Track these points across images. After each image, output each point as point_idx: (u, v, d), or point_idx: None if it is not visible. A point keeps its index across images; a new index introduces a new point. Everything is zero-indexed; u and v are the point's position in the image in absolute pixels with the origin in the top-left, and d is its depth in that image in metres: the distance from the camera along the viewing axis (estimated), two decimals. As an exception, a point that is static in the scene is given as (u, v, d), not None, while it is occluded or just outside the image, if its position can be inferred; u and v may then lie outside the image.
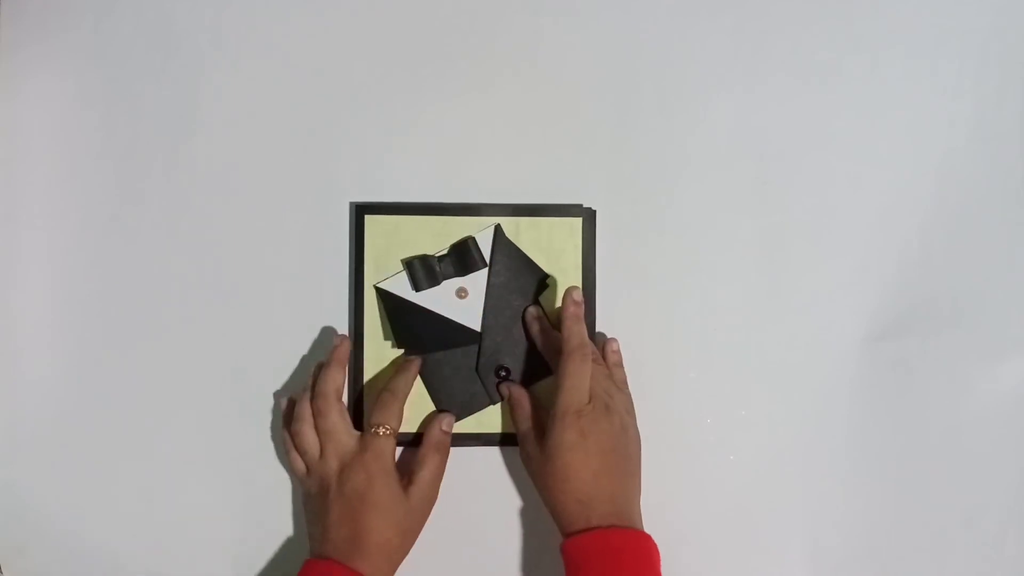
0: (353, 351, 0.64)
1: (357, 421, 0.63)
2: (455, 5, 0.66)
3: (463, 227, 0.64)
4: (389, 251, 0.65)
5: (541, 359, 0.64)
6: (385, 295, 0.64)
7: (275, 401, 0.65)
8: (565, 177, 0.66)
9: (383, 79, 0.66)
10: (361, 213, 0.64)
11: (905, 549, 0.65)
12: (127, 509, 0.65)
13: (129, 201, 0.66)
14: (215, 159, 0.66)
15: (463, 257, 0.64)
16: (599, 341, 0.65)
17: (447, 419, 0.63)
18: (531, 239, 0.65)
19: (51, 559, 0.65)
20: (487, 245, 0.64)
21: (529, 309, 0.64)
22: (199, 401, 0.65)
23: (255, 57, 0.66)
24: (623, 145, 0.66)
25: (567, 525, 0.57)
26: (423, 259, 0.64)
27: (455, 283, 0.65)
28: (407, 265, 0.64)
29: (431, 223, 0.64)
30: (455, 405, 0.64)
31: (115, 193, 0.66)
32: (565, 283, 0.64)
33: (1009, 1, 0.66)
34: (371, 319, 0.64)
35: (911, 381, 0.65)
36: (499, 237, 0.64)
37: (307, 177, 0.66)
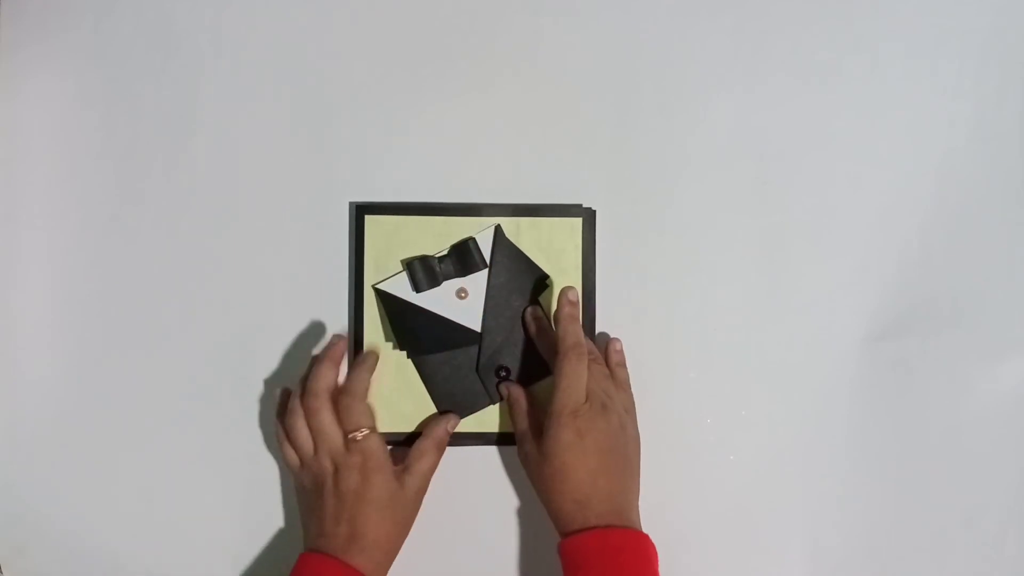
0: (353, 351, 0.64)
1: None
2: (455, 5, 0.66)
3: (463, 227, 0.64)
4: (389, 251, 0.65)
5: (541, 359, 0.64)
6: (385, 296, 0.64)
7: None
8: (565, 177, 0.66)
9: (383, 79, 0.66)
10: (361, 213, 0.64)
11: (905, 549, 0.65)
12: (127, 509, 0.65)
13: (129, 201, 0.66)
14: (215, 159, 0.66)
15: (463, 258, 0.64)
16: (602, 341, 0.65)
17: (454, 420, 0.63)
18: (531, 239, 0.65)
19: (51, 559, 0.65)
20: (487, 245, 0.64)
21: (528, 309, 0.64)
22: (199, 401, 0.65)
23: (255, 57, 0.66)
24: (623, 145, 0.66)
25: (565, 525, 0.57)
26: (423, 260, 0.64)
27: (455, 284, 0.65)
28: (407, 266, 0.64)
29: (431, 223, 0.64)
30: (455, 405, 0.64)
31: (115, 193, 0.66)
32: (565, 283, 0.64)
33: (1009, 1, 0.66)
34: (371, 319, 0.64)
35: (911, 381, 0.65)
36: (499, 237, 0.64)
37: (307, 177, 0.66)
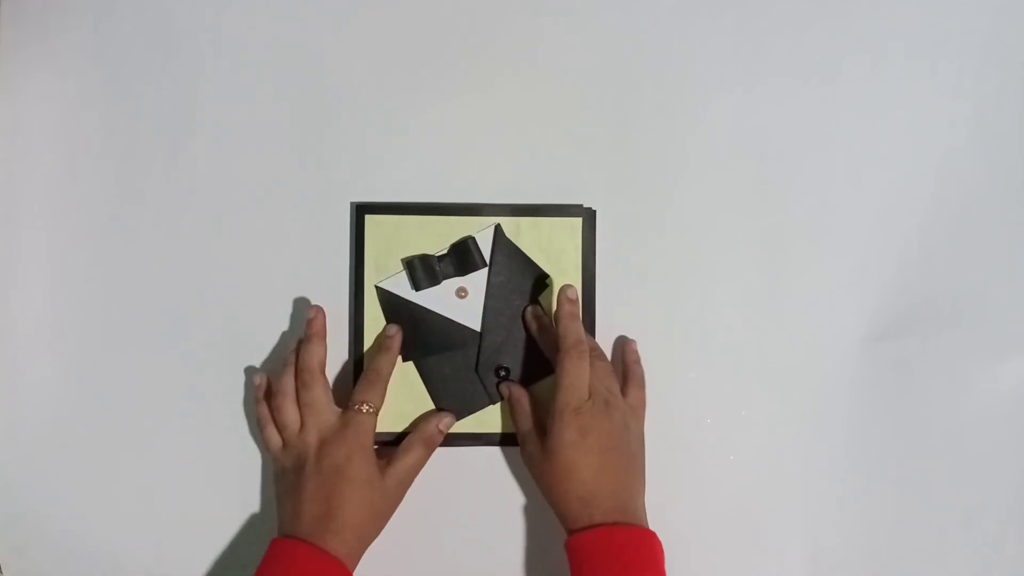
0: (353, 350, 0.64)
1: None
2: (455, 5, 0.66)
3: (463, 227, 0.64)
4: (389, 251, 0.65)
5: (541, 358, 0.64)
6: (385, 295, 0.64)
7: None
8: (565, 177, 0.66)
9: (383, 79, 0.66)
10: (361, 213, 0.64)
11: (905, 549, 0.65)
12: (127, 509, 0.65)
13: (129, 201, 0.66)
14: (215, 159, 0.66)
15: (463, 257, 0.64)
16: (618, 344, 0.65)
17: (447, 419, 0.63)
18: (531, 239, 0.65)
19: (51, 559, 0.65)
20: (487, 245, 0.64)
21: (528, 308, 0.64)
22: (199, 401, 0.65)
23: (255, 57, 0.66)
24: (623, 145, 0.66)
25: (570, 523, 0.57)
26: (423, 258, 0.64)
27: (455, 283, 0.65)
28: (407, 264, 0.64)
29: (431, 223, 0.64)
30: (455, 405, 0.64)
31: (115, 193, 0.66)
32: (565, 283, 0.64)
33: (1009, 1, 0.66)
34: (371, 319, 0.64)
35: (911, 381, 0.65)
36: (499, 237, 0.64)
37: (307, 177, 0.66)
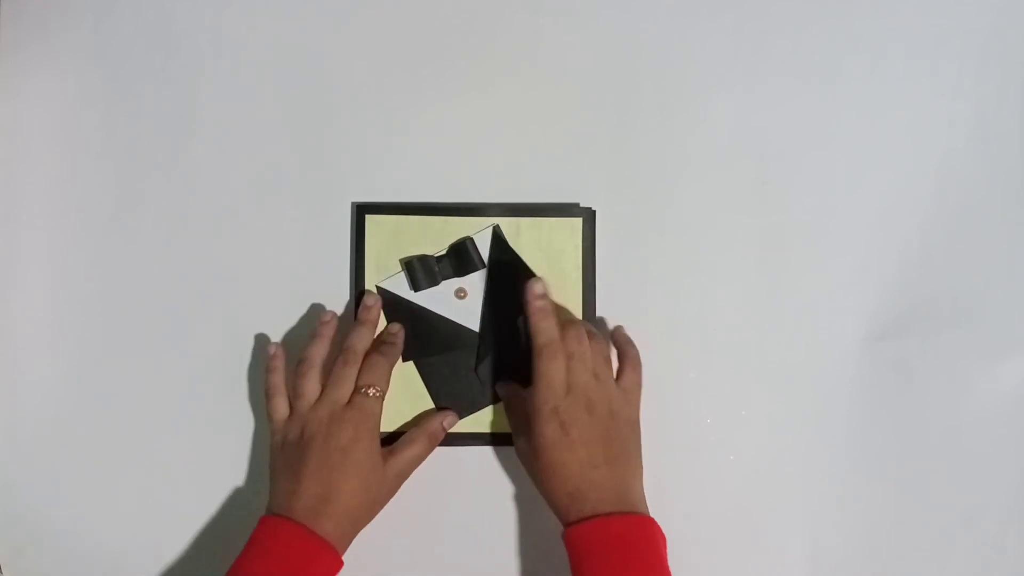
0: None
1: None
2: (455, 5, 0.66)
3: (464, 227, 0.64)
4: (390, 251, 0.65)
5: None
6: (385, 295, 0.64)
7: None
8: (565, 177, 0.66)
9: (383, 79, 0.66)
10: (362, 213, 0.64)
11: (905, 549, 0.65)
12: (127, 509, 0.65)
13: (129, 201, 0.66)
14: (215, 159, 0.66)
15: (461, 258, 0.64)
16: (608, 329, 0.65)
17: (450, 417, 0.63)
18: (531, 239, 0.65)
19: (51, 559, 0.65)
20: (485, 246, 0.64)
21: (521, 319, 0.63)
22: (199, 401, 0.65)
23: (255, 57, 0.66)
24: (623, 145, 0.66)
25: (563, 517, 0.57)
26: (422, 259, 0.64)
27: (454, 283, 0.65)
28: (406, 265, 0.64)
29: (432, 223, 0.64)
30: (454, 405, 0.64)
31: (115, 193, 0.66)
32: (565, 283, 0.64)
33: (1009, 1, 0.66)
34: (371, 319, 0.64)
35: (911, 381, 0.65)
36: (497, 238, 0.64)
37: (307, 177, 0.66)
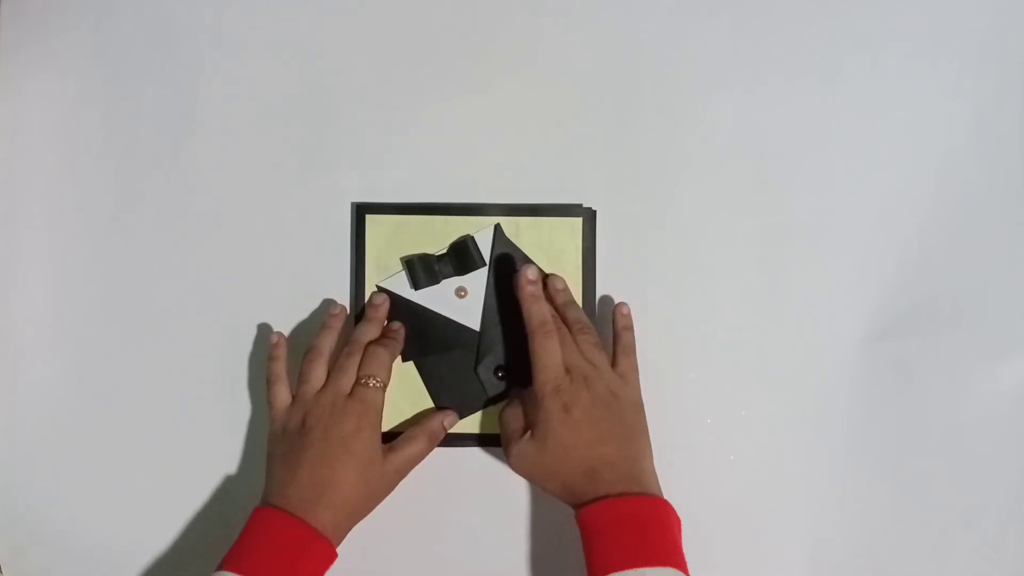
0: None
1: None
2: (455, 5, 0.66)
3: (464, 227, 0.64)
4: (390, 251, 0.65)
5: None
6: (385, 294, 0.64)
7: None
8: (565, 177, 0.66)
9: (383, 79, 0.66)
10: (362, 213, 0.64)
11: (905, 549, 0.65)
12: (127, 509, 0.65)
13: (129, 201, 0.66)
14: (215, 159, 0.66)
15: (462, 256, 0.64)
16: (610, 304, 0.64)
17: (451, 416, 0.63)
18: (531, 239, 0.65)
19: (51, 559, 0.65)
20: (486, 244, 0.64)
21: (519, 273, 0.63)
22: (199, 401, 0.65)
23: (255, 57, 0.66)
24: (623, 145, 0.66)
25: (577, 498, 0.56)
26: (422, 258, 0.64)
27: (454, 282, 0.65)
28: (406, 264, 0.64)
29: (432, 223, 0.64)
30: (454, 405, 0.64)
31: (115, 193, 0.66)
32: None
33: (1009, 1, 0.66)
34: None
35: (911, 381, 0.65)
36: (498, 237, 0.64)
37: (307, 177, 0.66)
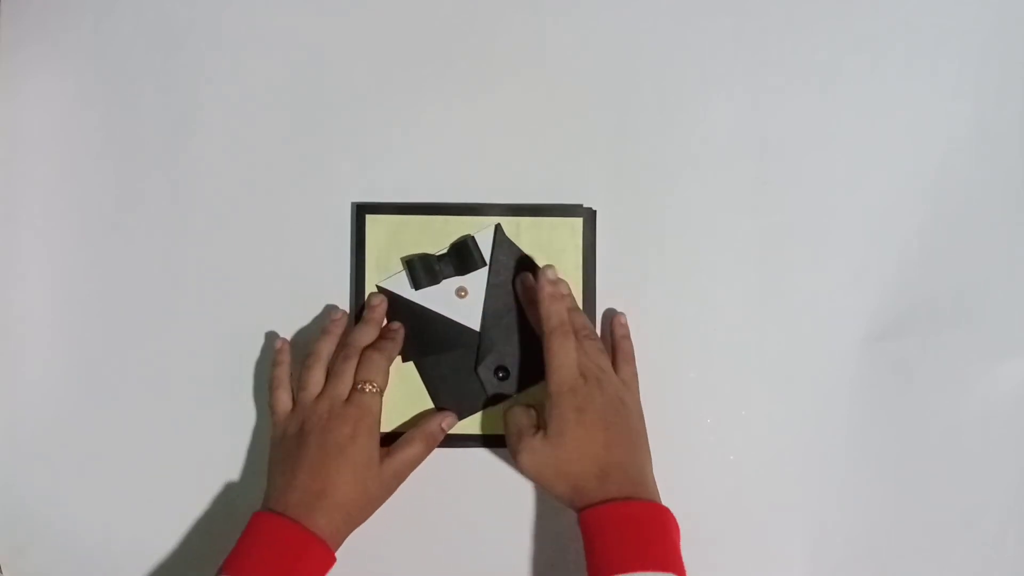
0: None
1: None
2: (455, 5, 0.66)
3: (464, 227, 0.64)
4: (390, 251, 0.65)
5: (540, 360, 0.64)
6: (385, 294, 0.64)
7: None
8: (565, 177, 0.66)
9: (383, 79, 0.66)
10: (362, 213, 0.64)
11: (905, 549, 0.65)
12: (127, 509, 0.65)
13: (129, 201, 0.66)
14: (215, 159, 0.66)
15: (463, 256, 0.64)
16: (608, 315, 0.65)
17: (449, 418, 0.63)
18: (532, 239, 0.65)
19: (51, 559, 0.65)
20: (487, 244, 0.64)
21: (519, 278, 0.64)
22: (199, 401, 0.65)
23: (255, 57, 0.66)
24: (623, 145, 0.66)
25: (584, 500, 0.56)
26: (423, 258, 0.64)
27: (455, 282, 0.65)
28: (406, 264, 0.64)
29: (432, 223, 0.64)
30: (454, 405, 0.64)
31: (115, 193, 0.66)
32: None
33: (1009, 1, 0.66)
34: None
35: (911, 381, 0.65)
36: (499, 236, 0.64)
37: (307, 177, 0.66)
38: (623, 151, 0.66)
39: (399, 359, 0.64)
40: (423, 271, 0.64)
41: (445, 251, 0.64)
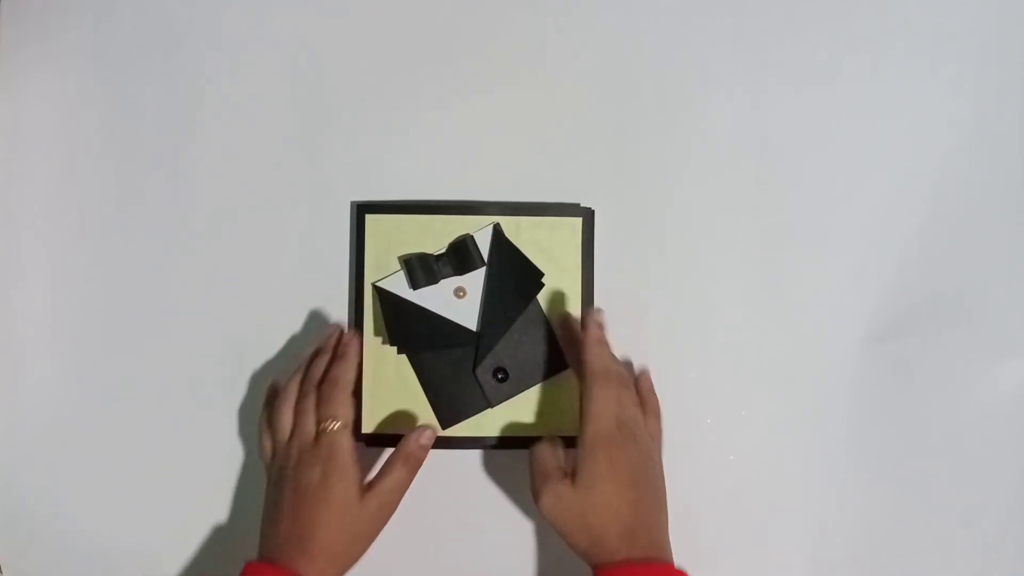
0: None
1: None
2: (455, 5, 0.66)
3: (464, 226, 0.64)
4: (390, 250, 0.64)
5: (538, 360, 0.64)
6: (383, 294, 0.64)
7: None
8: (565, 177, 0.66)
9: (383, 79, 0.66)
10: (362, 212, 0.64)
11: (905, 549, 0.65)
12: (127, 509, 0.65)
13: (129, 201, 0.66)
14: (215, 159, 0.66)
15: (461, 256, 0.64)
16: (627, 368, 0.64)
17: (427, 434, 0.60)
18: (531, 239, 0.65)
19: (51, 559, 0.65)
20: (486, 244, 0.64)
21: (557, 316, 0.64)
22: (199, 401, 0.65)
23: (255, 57, 0.66)
24: (623, 145, 0.66)
25: (603, 556, 0.55)
26: (421, 257, 0.64)
27: (453, 282, 0.64)
28: (405, 263, 0.64)
29: (432, 222, 0.64)
30: (452, 407, 0.64)
31: (115, 193, 0.66)
32: (565, 283, 0.64)
33: (1009, 1, 0.66)
34: (372, 318, 0.64)
35: (911, 381, 0.65)
36: (498, 236, 0.64)
37: (307, 177, 0.66)
38: (623, 151, 0.66)
39: (393, 351, 0.64)
40: (421, 271, 0.64)
41: (444, 251, 0.64)
